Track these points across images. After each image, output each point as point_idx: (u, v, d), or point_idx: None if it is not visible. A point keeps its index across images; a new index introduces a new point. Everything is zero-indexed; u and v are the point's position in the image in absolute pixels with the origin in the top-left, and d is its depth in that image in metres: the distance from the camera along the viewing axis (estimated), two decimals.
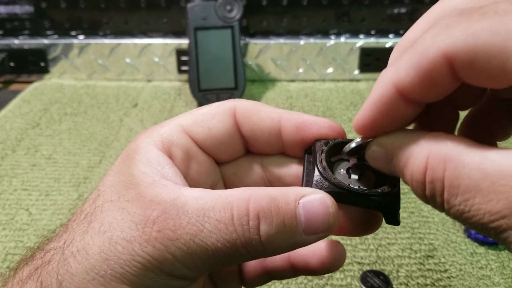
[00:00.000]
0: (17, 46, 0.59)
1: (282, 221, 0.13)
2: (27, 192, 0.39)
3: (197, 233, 0.13)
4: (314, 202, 0.14)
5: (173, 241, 0.13)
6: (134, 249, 0.13)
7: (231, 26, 0.51)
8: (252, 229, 0.13)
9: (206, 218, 0.13)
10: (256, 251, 0.14)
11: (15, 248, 0.33)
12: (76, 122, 0.50)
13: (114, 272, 0.13)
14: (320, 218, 0.14)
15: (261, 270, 0.19)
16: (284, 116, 0.17)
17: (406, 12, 0.58)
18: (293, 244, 0.14)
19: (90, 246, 0.14)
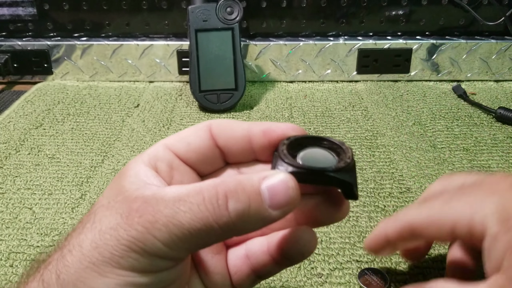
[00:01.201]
0: (21, 48, 0.59)
1: (247, 198, 0.15)
2: (30, 191, 0.39)
3: (173, 215, 0.15)
4: (275, 180, 0.16)
5: (153, 223, 0.15)
6: (119, 234, 0.15)
7: (232, 28, 0.52)
8: (221, 206, 0.15)
9: (181, 202, 0.15)
10: (227, 226, 0.15)
11: (19, 246, 0.33)
12: (79, 122, 0.51)
13: (104, 257, 0.15)
14: (282, 193, 0.16)
15: (247, 269, 0.20)
16: (252, 125, 0.19)
17: (403, 14, 0.59)
18: (262, 219, 0.16)
19: (83, 241, 0.16)
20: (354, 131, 0.48)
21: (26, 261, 0.32)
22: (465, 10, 0.58)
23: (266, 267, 0.20)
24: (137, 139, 0.47)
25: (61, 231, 0.35)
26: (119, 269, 0.15)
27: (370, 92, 0.57)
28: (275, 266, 0.20)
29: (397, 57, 0.59)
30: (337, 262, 0.32)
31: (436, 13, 0.59)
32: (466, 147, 0.45)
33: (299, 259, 0.19)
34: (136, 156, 0.19)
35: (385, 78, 0.60)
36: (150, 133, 0.48)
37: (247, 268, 0.20)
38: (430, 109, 0.53)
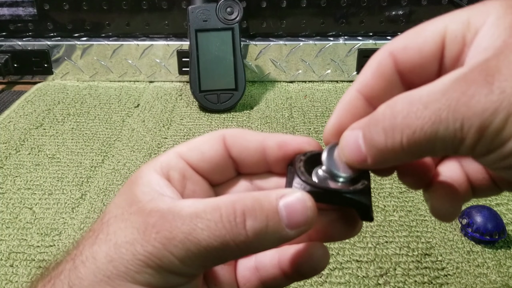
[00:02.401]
0: (21, 48, 0.59)
1: (265, 217, 0.15)
2: (30, 191, 0.39)
3: (190, 232, 0.15)
4: (293, 199, 0.16)
5: (170, 240, 0.15)
6: (136, 249, 0.15)
7: (232, 28, 0.52)
8: (238, 224, 0.15)
9: (198, 219, 0.15)
10: (244, 244, 0.15)
11: (19, 246, 0.33)
12: (79, 122, 0.51)
13: (119, 271, 0.15)
14: (300, 213, 0.15)
15: (256, 281, 0.20)
16: (267, 137, 0.19)
17: (403, 14, 0.59)
18: (279, 238, 0.15)
19: (97, 252, 0.16)
20: None
21: (26, 261, 0.32)
22: None
23: (276, 280, 0.20)
24: (137, 139, 0.47)
25: (61, 231, 0.35)
26: (134, 284, 0.15)
27: None
28: (285, 280, 0.20)
29: None
30: (337, 262, 0.32)
31: (436, 13, 0.58)
32: None
33: (311, 275, 0.19)
34: (148, 162, 0.19)
35: None
36: (150, 133, 0.48)
37: (256, 280, 0.20)
38: None
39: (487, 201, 0.37)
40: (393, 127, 0.14)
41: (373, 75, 0.17)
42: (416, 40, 0.16)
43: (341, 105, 0.18)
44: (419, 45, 0.16)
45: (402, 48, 0.16)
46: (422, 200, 0.38)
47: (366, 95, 0.17)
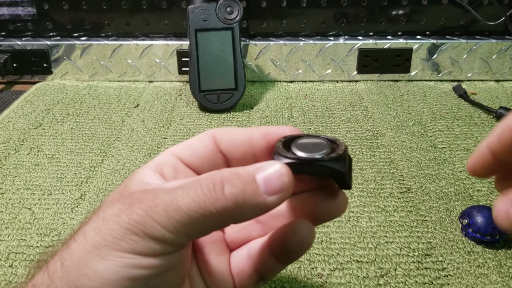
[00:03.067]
0: (20, 47, 0.59)
1: (243, 184, 0.16)
2: (29, 191, 0.39)
3: (172, 200, 0.16)
4: (269, 169, 0.17)
5: (152, 208, 0.16)
6: (121, 218, 0.16)
7: (231, 28, 0.52)
8: (217, 190, 0.16)
9: (180, 190, 0.16)
10: (224, 210, 0.16)
11: (18, 247, 0.33)
12: (78, 122, 0.51)
13: (106, 241, 0.16)
14: (277, 179, 0.16)
15: (249, 270, 0.20)
16: (253, 129, 0.20)
17: (404, 14, 0.59)
18: (258, 205, 0.16)
19: (87, 230, 0.17)
20: (354, 131, 0.48)
21: (25, 261, 0.32)
22: (466, 9, 0.58)
23: (267, 265, 0.20)
24: (137, 139, 0.47)
25: (60, 232, 0.35)
26: (120, 252, 0.16)
27: (370, 92, 0.57)
28: (276, 264, 0.20)
29: (398, 57, 0.59)
30: (337, 262, 0.31)
31: (437, 13, 0.59)
32: (467, 147, 0.45)
33: (298, 252, 0.20)
34: (144, 164, 0.20)
35: (386, 78, 0.60)
36: (150, 133, 0.48)
37: (249, 268, 0.20)
38: (430, 109, 0.53)
39: (487, 201, 0.37)
40: None
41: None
42: None
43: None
44: None
45: None
46: (422, 200, 0.37)
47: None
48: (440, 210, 0.36)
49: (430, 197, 0.38)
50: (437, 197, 0.38)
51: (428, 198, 0.38)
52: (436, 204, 0.37)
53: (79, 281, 0.16)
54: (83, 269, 0.16)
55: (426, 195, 0.38)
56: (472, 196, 0.38)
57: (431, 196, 0.38)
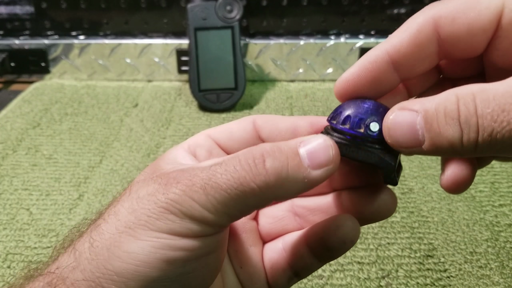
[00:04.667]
0: (18, 46, 0.59)
1: (285, 157, 0.15)
2: (27, 192, 0.39)
3: (210, 177, 0.15)
4: (313, 142, 0.16)
5: (190, 187, 0.15)
6: (157, 198, 0.15)
7: (231, 27, 0.51)
8: (258, 165, 0.15)
9: (217, 166, 0.15)
10: (266, 185, 0.15)
11: (16, 247, 0.33)
12: (77, 122, 0.50)
13: (140, 220, 0.15)
14: (322, 152, 0.15)
15: (283, 264, 0.19)
16: (297, 118, 0.19)
17: (405, 12, 0.59)
18: (302, 179, 0.15)
19: (119, 209, 0.16)
20: None
21: (23, 262, 0.32)
22: None
23: (304, 261, 0.19)
24: (136, 139, 0.47)
25: (58, 232, 0.34)
26: (156, 232, 0.15)
27: None
28: (313, 260, 0.19)
29: None
30: (338, 263, 0.31)
31: None
32: None
33: (340, 249, 0.18)
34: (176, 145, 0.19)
35: None
36: (149, 133, 0.48)
37: (283, 262, 0.19)
38: None
39: (489, 202, 0.37)
40: (471, 124, 0.13)
41: (410, 42, 0.16)
42: (468, 14, 0.15)
43: (365, 61, 0.17)
44: (470, 20, 0.15)
45: (450, 19, 0.15)
46: (424, 201, 0.37)
47: (395, 59, 0.16)
48: (442, 211, 0.36)
49: (432, 197, 0.38)
50: (439, 198, 0.37)
51: (430, 198, 0.37)
52: (438, 205, 0.37)
53: (109, 263, 0.15)
54: (115, 250, 0.15)
55: (428, 196, 0.38)
56: (474, 196, 0.38)
57: (433, 196, 0.38)
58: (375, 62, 0.16)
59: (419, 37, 0.16)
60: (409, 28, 0.16)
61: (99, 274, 0.15)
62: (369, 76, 0.17)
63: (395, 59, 0.16)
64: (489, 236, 0.33)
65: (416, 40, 0.16)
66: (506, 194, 0.38)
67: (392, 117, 0.15)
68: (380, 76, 0.17)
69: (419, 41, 0.16)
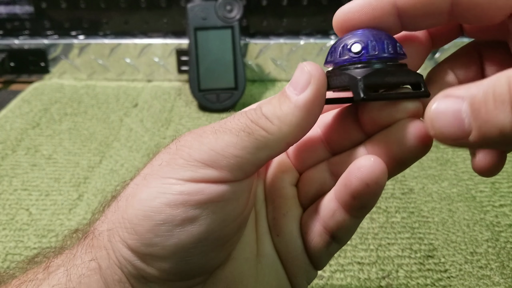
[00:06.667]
0: (17, 46, 0.59)
1: (277, 100, 0.16)
2: (27, 192, 0.39)
3: (220, 125, 0.16)
4: (294, 74, 0.17)
5: (201, 133, 0.16)
6: (170, 148, 0.16)
7: (231, 26, 0.51)
8: (257, 112, 0.16)
9: (227, 118, 0.17)
10: (267, 127, 0.16)
11: (15, 248, 0.33)
12: (76, 122, 0.50)
13: (152, 170, 0.16)
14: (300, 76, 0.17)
15: (318, 227, 0.18)
16: None
17: None
18: (295, 107, 0.16)
19: (142, 169, 0.17)
20: None
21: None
22: None
23: (335, 218, 0.17)
24: (136, 139, 0.47)
25: (58, 232, 0.34)
26: (163, 178, 0.15)
27: None
28: (345, 215, 0.17)
29: None
30: (338, 264, 0.31)
31: None
32: None
33: (365, 194, 0.16)
34: None
35: None
36: (149, 133, 0.48)
37: (318, 225, 0.18)
38: None
39: (490, 202, 0.37)
40: None
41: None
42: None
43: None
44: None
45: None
46: (425, 201, 0.37)
47: (400, 5, 0.16)
48: (443, 211, 0.36)
49: (432, 198, 0.37)
50: (439, 198, 0.37)
51: (430, 199, 0.37)
52: (439, 205, 0.37)
53: (125, 211, 0.16)
54: (131, 199, 0.16)
55: (428, 196, 0.38)
56: (475, 197, 0.38)
57: (433, 197, 0.38)
58: (379, 1, 0.16)
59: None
60: None
61: (117, 224, 0.16)
62: (370, 13, 0.16)
63: (401, 4, 0.16)
64: (489, 236, 0.33)
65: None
66: (507, 194, 0.38)
67: (435, 106, 0.13)
68: (381, 16, 0.16)
69: None
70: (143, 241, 0.15)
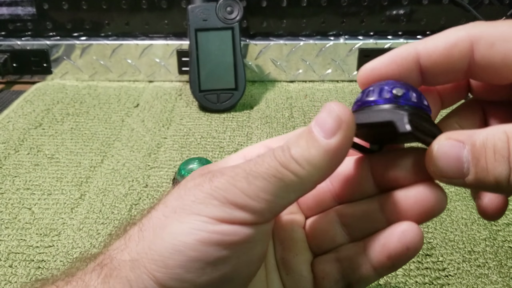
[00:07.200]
0: (20, 47, 0.59)
1: (304, 141, 0.16)
2: (29, 192, 0.39)
3: (251, 168, 0.16)
4: (320, 113, 0.16)
5: (234, 177, 0.16)
6: (203, 186, 0.16)
7: (232, 27, 0.51)
8: (286, 154, 0.16)
9: (257, 159, 0.16)
10: (297, 172, 0.16)
11: (18, 247, 0.33)
12: (78, 122, 0.51)
13: (185, 205, 0.16)
14: (328, 117, 0.16)
15: (336, 274, 0.18)
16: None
17: (404, 13, 0.59)
18: (324, 152, 0.16)
19: (168, 199, 0.17)
20: None
21: (25, 261, 0.32)
22: (466, 9, 0.58)
23: (360, 272, 0.18)
24: (137, 139, 0.47)
25: (60, 232, 0.35)
26: (197, 215, 0.16)
27: None
28: (371, 271, 0.18)
29: None
30: None
31: (437, 13, 0.59)
32: None
33: (402, 257, 0.17)
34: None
35: None
36: (150, 133, 0.48)
37: (336, 273, 0.18)
38: None
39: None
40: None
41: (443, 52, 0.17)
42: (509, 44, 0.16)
43: (395, 55, 0.17)
44: (508, 50, 0.16)
45: (489, 44, 0.16)
46: None
47: (423, 63, 0.17)
48: None
49: None
50: None
51: None
52: None
53: (153, 243, 0.16)
54: (159, 232, 0.16)
55: None
56: None
57: None
58: (404, 58, 0.17)
59: (453, 50, 0.16)
60: (447, 38, 0.17)
61: (143, 254, 0.16)
62: (396, 69, 0.17)
63: (424, 62, 0.17)
64: (487, 235, 0.34)
65: (449, 52, 0.16)
66: None
67: (438, 146, 0.15)
68: (405, 73, 0.17)
69: (451, 54, 0.16)
70: (173, 275, 0.15)
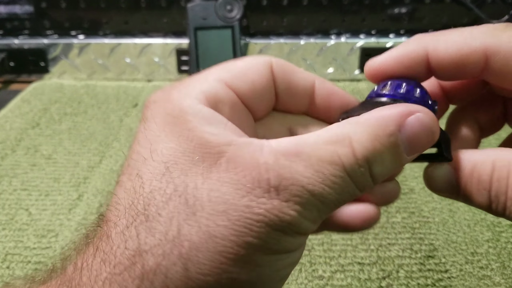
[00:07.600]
0: (17, 46, 0.59)
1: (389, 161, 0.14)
2: (26, 192, 0.39)
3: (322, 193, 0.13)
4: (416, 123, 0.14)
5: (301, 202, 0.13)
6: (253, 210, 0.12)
7: (231, 26, 0.51)
8: (366, 176, 0.14)
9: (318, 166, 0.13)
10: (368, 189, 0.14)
11: (15, 248, 0.33)
12: (76, 122, 0.50)
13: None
14: (424, 134, 0.14)
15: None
16: (319, 80, 0.18)
17: (406, 12, 0.58)
18: (399, 168, 0.15)
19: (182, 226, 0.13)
20: None
21: (22, 262, 0.32)
22: (469, 8, 0.58)
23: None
24: None
25: (58, 233, 0.34)
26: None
27: None
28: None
29: None
30: (338, 264, 0.31)
31: (439, 11, 0.58)
32: None
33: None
34: (176, 88, 0.15)
35: None
36: None
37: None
38: None
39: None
40: (500, 200, 0.14)
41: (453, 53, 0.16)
42: None
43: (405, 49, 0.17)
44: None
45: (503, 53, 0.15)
46: (425, 202, 0.37)
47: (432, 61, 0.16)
48: (443, 212, 0.36)
49: (433, 198, 0.37)
50: (440, 198, 0.37)
51: (431, 199, 0.37)
52: (439, 205, 0.36)
53: None
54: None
55: (429, 196, 0.38)
56: None
57: (433, 197, 0.37)
58: (413, 59, 0.16)
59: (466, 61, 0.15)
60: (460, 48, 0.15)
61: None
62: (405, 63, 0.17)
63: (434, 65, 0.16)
64: (490, 236, 0.33)
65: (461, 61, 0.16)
66: None
67: (431, 169, 0.16)
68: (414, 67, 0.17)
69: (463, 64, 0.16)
70: None
